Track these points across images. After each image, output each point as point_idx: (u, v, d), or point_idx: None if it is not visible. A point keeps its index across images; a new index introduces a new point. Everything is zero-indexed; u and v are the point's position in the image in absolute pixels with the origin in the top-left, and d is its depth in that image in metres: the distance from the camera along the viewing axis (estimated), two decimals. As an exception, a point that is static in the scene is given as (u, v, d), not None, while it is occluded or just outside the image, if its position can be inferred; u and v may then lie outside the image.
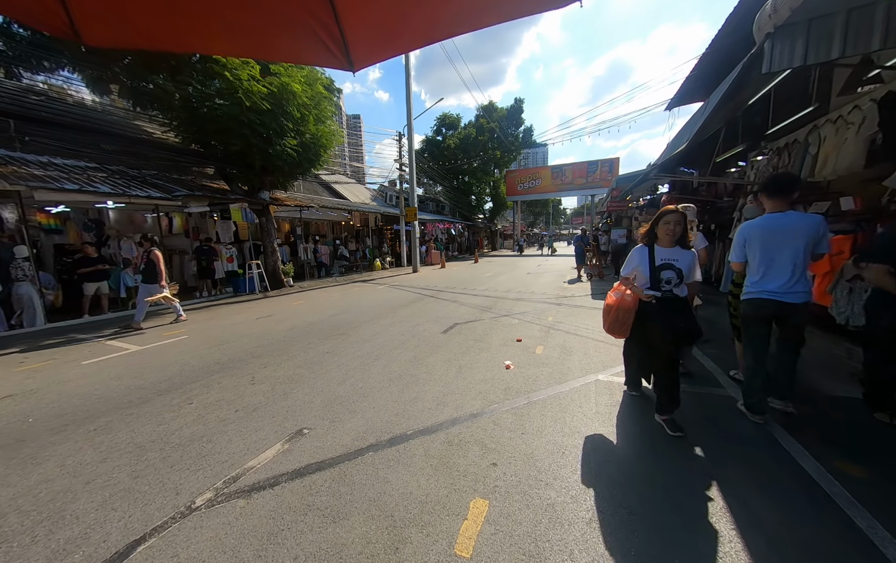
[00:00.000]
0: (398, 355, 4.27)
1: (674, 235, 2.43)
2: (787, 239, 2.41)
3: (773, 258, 2.45)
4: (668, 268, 2.42)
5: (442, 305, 7.56)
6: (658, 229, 2.51)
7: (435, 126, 30.11)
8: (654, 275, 2.45)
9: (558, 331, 5.18)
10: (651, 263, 2.48)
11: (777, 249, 2.44)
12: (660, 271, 2.43)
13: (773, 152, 6.57)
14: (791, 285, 2.40)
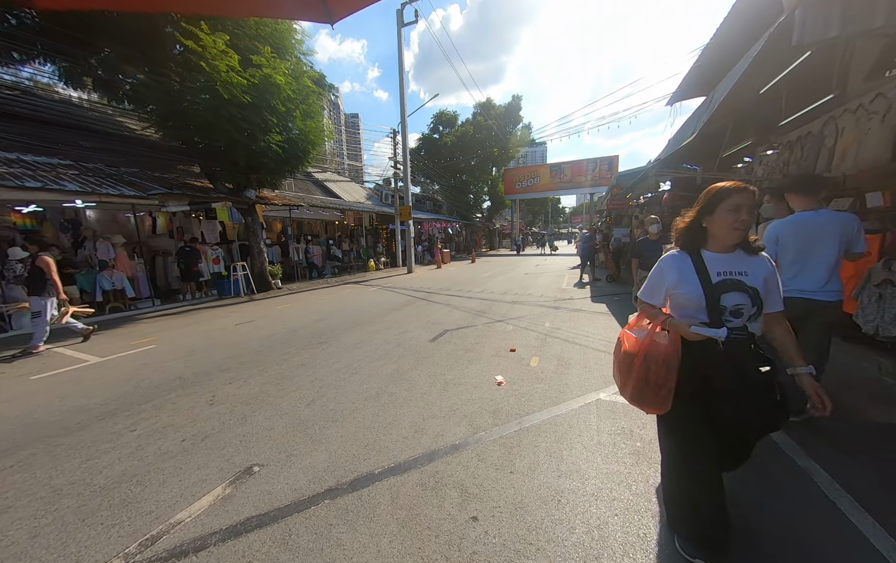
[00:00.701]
0: (379, 369, 3.87)
1: (742, 231, 1.37)
2: (821, 237, 2.34)
3: (808, 257, 2.38)
4: (735, 287, 1.39)
5: (434, 308, 7.17)
6: (714, 219, 1.41)
7: (431, 124, 29.67)
8: (712, 301, 1.40)
9: (555, 339, 4.79)
10: (703, 279, 1.42)
11: (812, 248, 2.37)
12: (720, 294, 1.40)
13: (784, 146, 6.19)
14: (825, 285, 2.35)
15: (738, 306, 1.39)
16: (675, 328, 1.47)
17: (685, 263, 1.49)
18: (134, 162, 9.59)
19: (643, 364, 1.48)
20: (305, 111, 9.52)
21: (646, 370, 1.48)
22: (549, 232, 45.02)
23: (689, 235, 1.52)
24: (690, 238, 1.52)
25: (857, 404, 2.82)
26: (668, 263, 1.55)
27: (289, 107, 8.56)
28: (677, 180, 11.12)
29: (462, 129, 28.73)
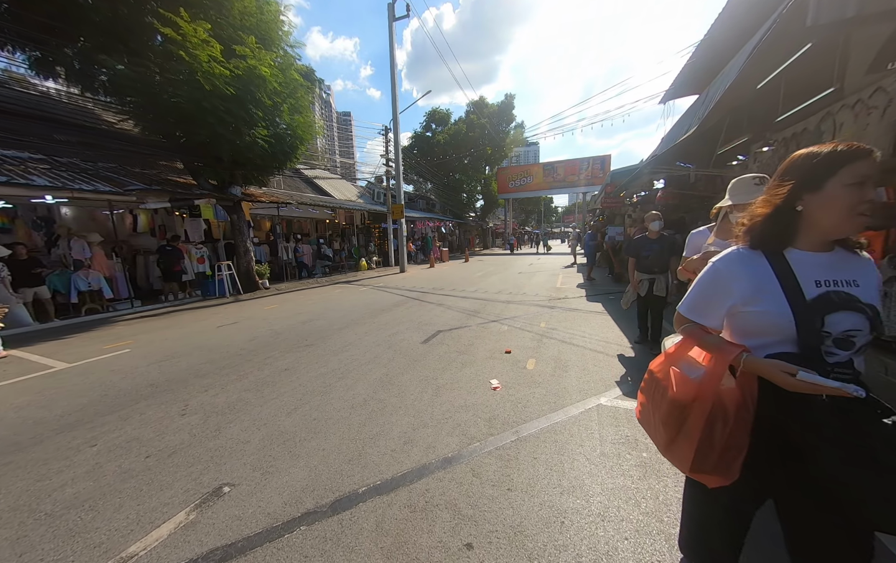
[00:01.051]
0: (368, 373, 3.66)
1: (867, 218, 0.88)
2: None
3: None
4: (846, 305, 0.89)
5: (426, 309, 6.96)
6: (824, 198, 0.90)
7: (424, 122, 29.41)
8: (808, 325, 0.90)
9: (552, 339, 4.63)
10: (792, 293, 0.92)
11: None
12: (822, 315, 0.89)
13: (780, 143, 6.14)
14: None
15: (849, 333, 0.89)
16: (760, 371, 0.92)
17: (761, 268, 0.97)
18: (112, 157, 9.16)
19: (707, 420, 0.95)
20: (293, 105, 9.23)
21: (710, 428, 0.95)
22: (542, 231, 45.19)
23: (774, 226, 0.97)
24: (775, 230, 0.97)
25: None
26: (733, 266, 1.00)
27: (275, 100, 8.26)
28: (671, 178, 11.11)
29: (455, 127, 28.52)
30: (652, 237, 4.14)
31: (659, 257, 3.96)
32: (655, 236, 4.10)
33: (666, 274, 4.00)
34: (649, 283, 4.05)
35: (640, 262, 4.17)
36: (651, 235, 4.17)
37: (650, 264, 4.02)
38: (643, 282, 4.09)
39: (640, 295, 4.16)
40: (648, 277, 4.06)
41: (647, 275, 4.07)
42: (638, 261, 4.24)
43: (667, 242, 3.98)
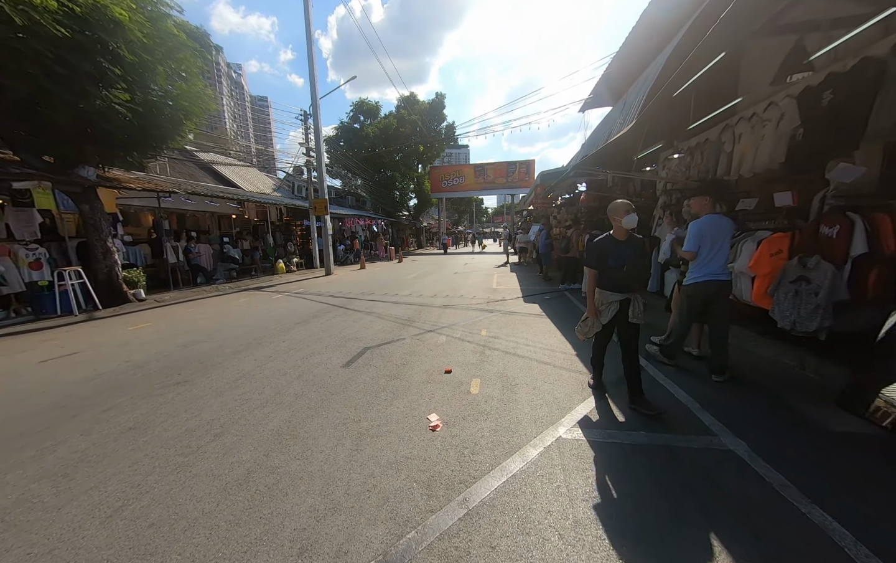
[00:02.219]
0: (261, 421, 2.67)
1: None
2: (723, 234, 3.16)
3: (717, 249, 3.14)
4: None
5: (352, 319, 5.99)
6: None
7: (351, 112, 27.47)
8: None
9: (495, 351, 4.15)
10: None
11: (719, 242, 3.14)
12: None
13: (686, 152, 6.70)
14: (724, 268, 3.19)
15: None
16: None
17: None
18: None
19: None
20: (174, 70, 7.31)
21: None
22: (475, 231, 46.55)
23: None
24: None
25: (785, 396, 2.74)
26: None
27: (143, 57, 6.35)
28: (591, 182, 11.86)
29: (385, 121, 27.24)
30: (620, 237, 2.73)
31: (635, 267, 2.71)
32: (625, 236, 2.73)
33: (643, 292, 3.15)
34: (620, 306, 2.69)
35: (608, 275, 2.73)
36: (619, 235, 2.73)
37: (623, 279, 2.68)
38: (611, 305, 2.71)
39: (603, 324, 2.77)
40: (620, 298, 2.68)
41: (618, 295, 2.69)
42: (603, 274, 2.75)
43: (639, 246, 2.77)
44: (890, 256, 2.95)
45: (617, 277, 2.70)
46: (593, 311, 2.81)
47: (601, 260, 2.75)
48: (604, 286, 2.78)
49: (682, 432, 2.36)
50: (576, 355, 3.92)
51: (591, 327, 2.86)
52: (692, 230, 3.23)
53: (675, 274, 4.24)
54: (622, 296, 2.69)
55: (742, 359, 3.64)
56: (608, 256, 2.70)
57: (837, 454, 2.09)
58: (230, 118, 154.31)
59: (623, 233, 2.72)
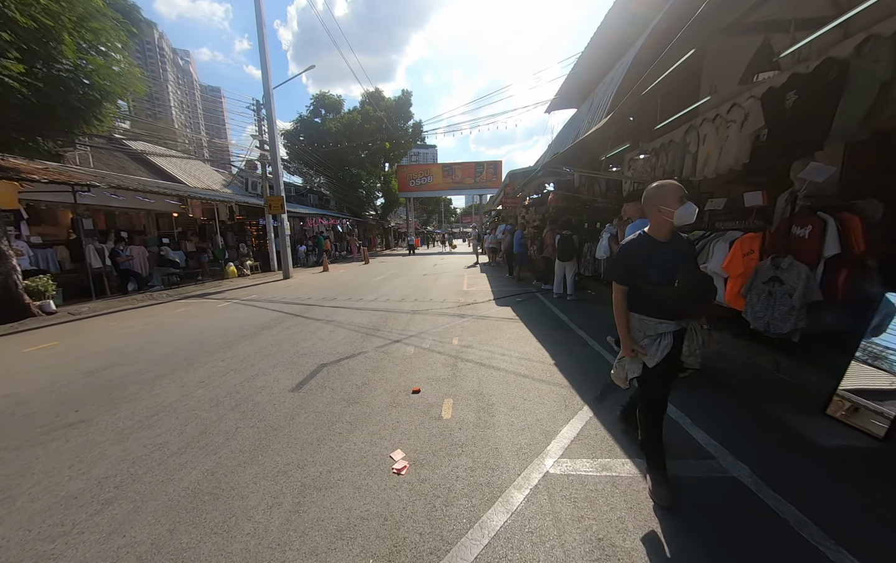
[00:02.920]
0: (175, 475, 2.07)
1: None
2: None
3: None
4: None
5: (309, 329, 5.35)
6: None
7: (311, 106, 26.01)
8: None
9: (468, 362, 3.77)
10: None
11: None
12: None
13: (652, 153, 6.77)
14: None
15: None
16: None
17: None
18: None
19: None
20: (89, 41, 6.21)
21: None
22: (445, 231, 46.41)
23: None
24: None
25: (768, 403, 2.63)
26: None
27: (43, 22, 5.27)
28: (559, 182, 11.94)
29: (349, 116, 26.10)
30: (662, 237, 1.81)
31: (692, 281, 1.71)
32: (669, 236, 1.81)
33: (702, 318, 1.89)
34: (673, 339, 1.80)
35: (649, 294, 1.80)
36: (660, 234, 1.81)
37: (676, 299, 1.73)
38: (660, 340, 1.80)
39: (649, 367, 1.84)
40: (673, 328, 1.80)
41: (669, 323, 1.80)
42: (641, 292, 1.82)
43: (688, 250, 1.87)
44: (859, 256, 2.95)
45: (665, 296, 1.73)
46: (629, 347, 1.88)
47: (635, 272, 1.79)
48: (644, 311, 1.82)
49: (679, 455, 2.11)
50: (554, 365, 3.64)
51: (627, 370, 1.96)
52: (629, 232, 3.36)
53: None
54: (675, 324, 1.79)
55: (719, 363, 3.55)
56: (647, 265, 1.76)
57: (840, 476, 1.93)
58: (176, 108, 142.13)
59: (667, 230, 1.78)
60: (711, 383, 3.08)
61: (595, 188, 9.89)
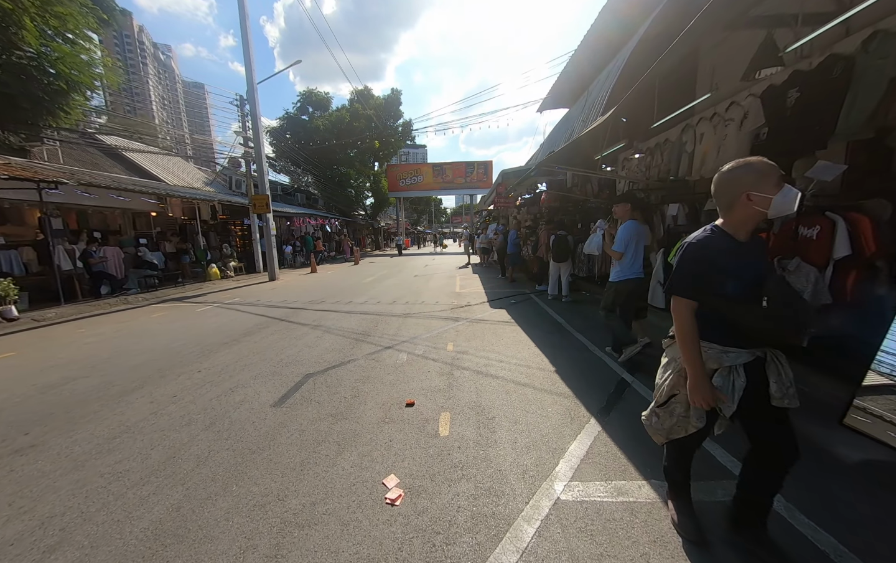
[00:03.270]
0: (135, 511, 1.80)
1: None
2: (642, 238, 3.55)
3: (638, 251, 3.51)
4: None
5: (295, 335, 5.06)
6: None
7: (299, 102, 25.42)
8: None
9: (464, 370, 3.56)
10: None
11: (640, 245, 3.54)
12: None
13: (647, 152, 6.69)
14: (642, 268, 3.56)
15: None
16: None
17: None
18: None
19: None
20: (54, 27, 5.76)
21: None
22: (435, 231, 46.22)
23: None
24: None
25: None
26: None
27: (1, 4, 4.84)
28: (552, 182, 11.86)
29: (337, 114, 25.60)
30: (742, 237, 1.36)
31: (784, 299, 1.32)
32: (749, 235, 1.36)
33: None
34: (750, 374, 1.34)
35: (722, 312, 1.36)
36: (739, 233, 1.35)
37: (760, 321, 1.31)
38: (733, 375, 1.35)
39: (726, 415, 1.37)
40: (744, 358, 1.34)
41: (737, 352, 1.35)
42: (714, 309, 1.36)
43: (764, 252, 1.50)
44: (870, 258, 2.86)
45: (744, 317, 1.30)
46: (707, 393, 1.33)
47: (709, 282, 1.32)
48: (705, 335, 1.37)
49: (698, 476, 1.94)
50: (555, 372, 3.46)
51: (681, 421, 1.46)
52: (622, 234, 3.55)
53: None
54: (748, 354, 1.33)
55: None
56: (724, 274, 1.31)
57: (873, 497, 1.79)
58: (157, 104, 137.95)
59: (751, 227, 1.34)
60: None
61: (588, 188, 9.82)
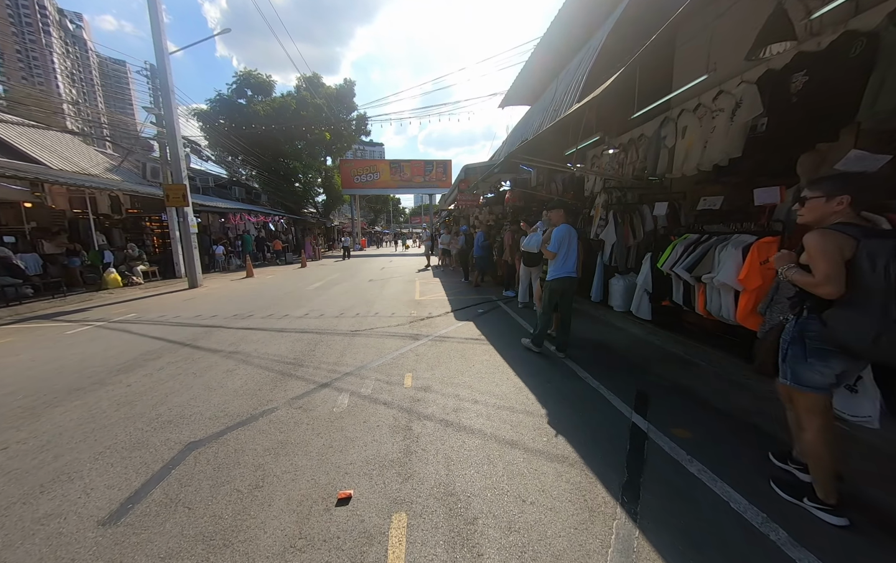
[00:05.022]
0: None
1: None
2: (573, 240, 3.80)
3: (570, 252, 3.77)
4: None
5: (197, 369, 3.70)
6: None
7: (235, 84, 22.48)
8: None
9: (428, 421, 2.59)
10: None
11: (572, 246, 3.78)
12: None
13: (620, 148, 6.24)
14: (575, 267, 3.82)
15: None
16: None
17: None
18: None
19: None
20: None
21: None
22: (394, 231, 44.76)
23: None
24: None
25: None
26: None
27: None
28: (516, 180, 11.32)
29: (281, 100, 23.11)
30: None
31: None
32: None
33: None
34: None
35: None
36: None
37: None
38: None
39: None
40: None
41: None
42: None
43: None
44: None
45: None
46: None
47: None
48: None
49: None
50: (546, 418, 2.62)
51: None
52: (555, 236, 3.75)
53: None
54: None
55: (741, 400, 2.84)
56: None
57: None
58: (64, 80, 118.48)
59: None
60: (735, 426, 2.30)
61: (553, 187, 9.38)
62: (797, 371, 1.62)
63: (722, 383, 3.15)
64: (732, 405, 2.74)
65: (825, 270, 1.45)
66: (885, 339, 1.32)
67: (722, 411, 2.66)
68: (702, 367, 3.51)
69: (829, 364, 1.53)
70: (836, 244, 1.45)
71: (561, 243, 3.71)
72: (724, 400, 2.83)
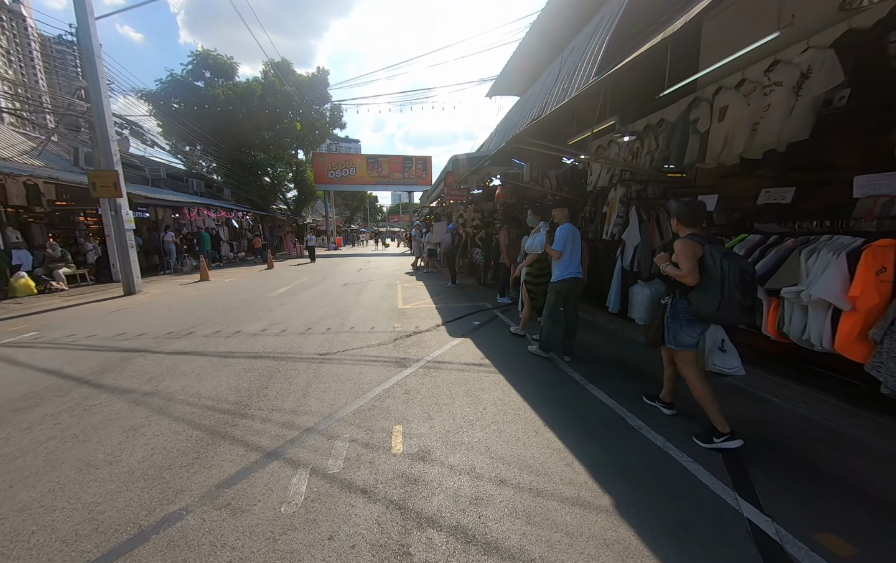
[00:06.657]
0: None
1: None
2: (578, 239, 3.68)
3: (576, 251, 3.65)
4: None
5: (83, 429, 2.51)
6: None
7: (191, 64, 20.23)
8: None
9: (434, 531, 1.61)
10: None
11: (576, 246, 3.66)
12: None
13: (635, 136, 5.50)
14: (579, 268, 3.68)
15: None
16: None
17: None
18: None
19: None
20: None
21: None
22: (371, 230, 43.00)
23: None
24: None
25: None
26: None
27: None
28: (507, 175, 10.47)
29: (246, 85, 21.13)
30: None
31: None
32: None
33: None
34: None
35: None
36: None
37: None
38: None
39: None
40: None
41: None
42: None
43: None
44: None
45: None
46: None
47: None
48: None
49: None
50: (612, 510, 1.72)
51: None
52: (560, 235, 3.63)
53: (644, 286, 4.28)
54: None
55: (835, 457, 2.06)
56: None
57: None
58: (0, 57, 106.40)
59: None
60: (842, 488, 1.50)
61: (546, 183, 8.61)
62: (678, 337, 2.28)
63: (818, 430, 2.38)
64: (862, 475, 1.95)
65: (687, 267, 2.13)
66: (723, 309, 2.03)
67: (869, 497, 1.85)
68: (777, 405, 2.75)
69: (694, 328, 2.24)
70: (691, 248, 2.15)
71: (566, 243, 3.62)
72: (840, 461, 2.03)
